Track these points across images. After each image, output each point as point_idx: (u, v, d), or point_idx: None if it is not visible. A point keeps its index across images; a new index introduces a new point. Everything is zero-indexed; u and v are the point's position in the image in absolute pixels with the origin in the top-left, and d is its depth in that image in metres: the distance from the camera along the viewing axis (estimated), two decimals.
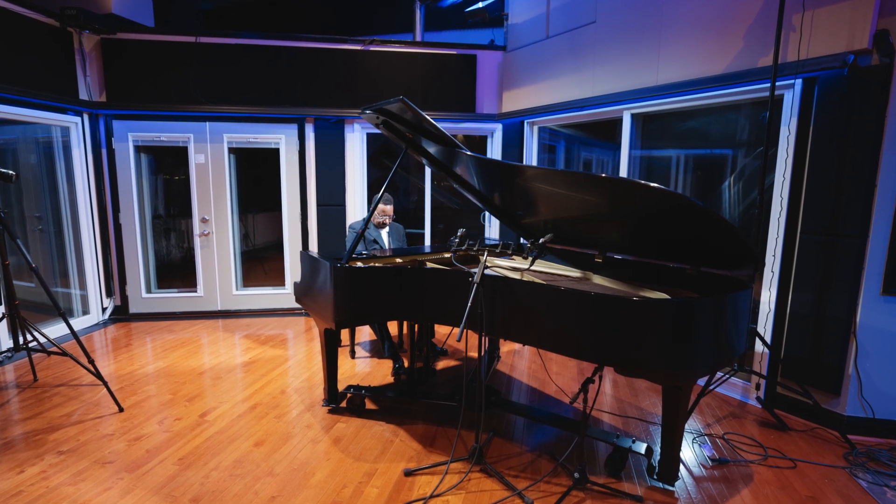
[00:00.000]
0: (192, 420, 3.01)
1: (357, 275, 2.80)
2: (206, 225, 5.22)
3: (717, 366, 2.24)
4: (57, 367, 3.81)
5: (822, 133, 2.92)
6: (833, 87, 2.85)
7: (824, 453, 2.74)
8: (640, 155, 4.27)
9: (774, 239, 3.21)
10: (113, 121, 4.90)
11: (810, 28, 2.87)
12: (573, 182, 2.44)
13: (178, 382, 3.58)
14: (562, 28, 4.54)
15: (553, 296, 2.26)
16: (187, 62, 4.83)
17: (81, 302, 4.94)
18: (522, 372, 3.91)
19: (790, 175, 3.10)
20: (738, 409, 3.28)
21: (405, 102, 2.57)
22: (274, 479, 2.43)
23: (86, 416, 3.03)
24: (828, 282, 2.94)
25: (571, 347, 2.23)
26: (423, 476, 2.46)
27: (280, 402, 3.28)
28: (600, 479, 2.45)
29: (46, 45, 4.31)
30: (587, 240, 2.97)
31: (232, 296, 5.38)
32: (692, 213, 2.12)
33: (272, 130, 5.17)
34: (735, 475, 2.52)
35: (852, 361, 2.88)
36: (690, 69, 3.53)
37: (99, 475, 2.43)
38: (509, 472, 2.50)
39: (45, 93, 4.25)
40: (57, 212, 4.74)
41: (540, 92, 4.80)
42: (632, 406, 3.30)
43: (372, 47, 5.06)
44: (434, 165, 3.28)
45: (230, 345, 4.43)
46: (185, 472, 2.47)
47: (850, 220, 2.83)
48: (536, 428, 2.97)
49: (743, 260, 2.29)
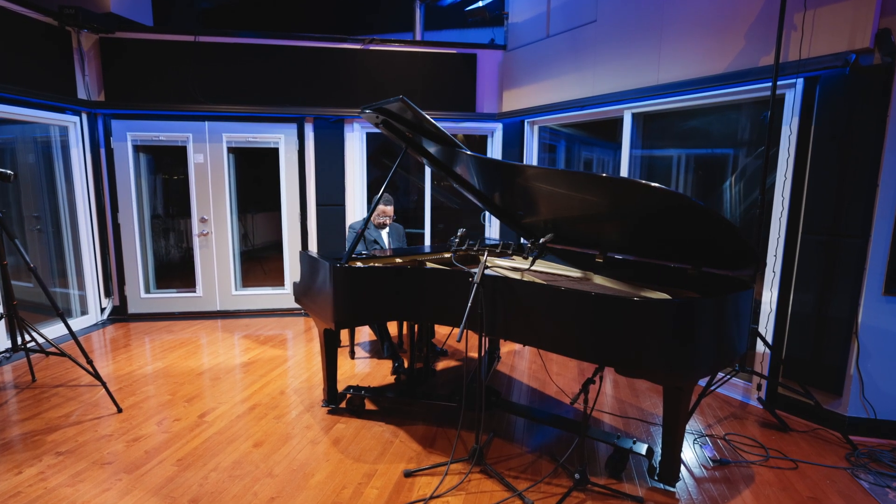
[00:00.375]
0: (191, 421, 3.02)
1: (357, 275, 2.80)
2: (205, 225, 5.22)
3: (719, 366, 2.24)
4: (55, 367, 3.81)
5: (824, 132, 2.92)
6: (835, 87, 2.86)
7: (826, 454, 2.74)
8: (640, 154, 4.27)
9: (776, 239, 3.21)
10: (112, 120, 4.91)
11: (812, 27, 2.88)
12: (574, 182, 2.44)
13: (177, 383, 3.58)
14: (562, 27, 4.55)
15: (553, 296, 2.26)
16: (186, 61, 4.83)
17: (80, 302, 4.95)
18: (523, 372, 3.91)
19: (791, 175, 3.11)
20: (739, 410, 3.28)
21: (405, 102, 2.57)
22: (273, 480, 2.43)
23: (84, 417, 3.03)
24: (829, 282, 2.94)
25: (572, 348, 2.23)
26: (423, 477, 2.47)
27: (279, 402, 3.28)
28: (601, 480, 2.45)
29: (45, 44, 4.32)
30: (588, 240, 2.97)
31: (231, 296, 5.39)
32: (693, 213, 2.13)
33: (271, 130, 5.18)
34: (736, 476, 2.53)
35: (854, 362, 2.89)
36: (691, 68, 3.53)
37: (97, 476, 2.44)
38: (510, 473, 2.50)
39: (44, 92, 4.26)
40: (55, 212, 4.74)
41: (540, 91, 4.81)
42: (632, 407, 3.31)
43: (372, 46, 5.06)
44: (434, 165, 3.29)
45: (229, 345, 4.44)
46: (183, 473, 2.47)
47: (852, 219, 2.84)
48: (537, 429, 2.98)
49: (744, 260, 2.29)
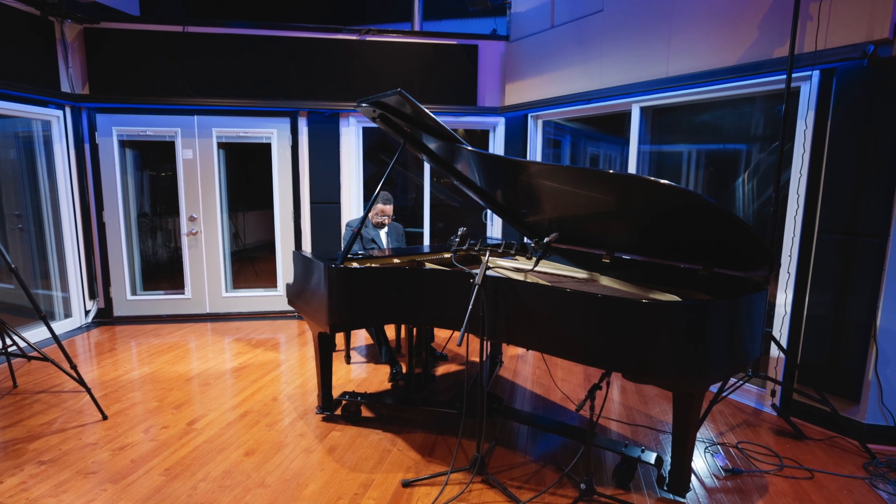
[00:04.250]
0: (179, 428, 3.01)
1: (352, 276, 2.80)
2: (194, 224, 5.22)
3: (731, 371, 2.24)
4: (38, 372, 3.81)
5: (841, 127, 2.92)
6: (852, 79, 2.85)
7: (843, 463, 2.74)
8: (649, 150, 4.27)
9: (791, 238, 3.21)
10: (96, 114, 4.90)
11: (828, 17, 2.87)
12: (580, 178, 2.44)
13: (165, 389, 3.58)
14: (567, 17, 4.54)
15: (558, 298, 2.26)
16: (174, 53, 4.83)
17: (63, 304, 4.94)
18: (526, 378, 3.91)
19: (807, 171, 3.10)
20: (752, 417, 3.28)
21: (403, 95, 2.57)
22: (265, 490, 2.43)
23: (68, 425, 3.03)
24: (847, 283, 2.94)
25: (578, 352, 2.23)
26: (421, 487, 2.46)
27: (272, 409, 3.28)
28: (608, 490, 2.45)
29: (26, 34, 4.31)
30: (594, 239, 2.97)
31: (221, 298, 5.38)
32: (704, 212, 2.12)
33: (263, 124, 5.17)
34: (749, 486, 2.52)
35: (872, 367, 2.88)
36: (702, 60, 3.53)
37: (81, 486, 2.43)
38: (512, 483, 2.50)
39: (25, 85, 4.25)
40: (38, 210, 4.74)
41: (544, 84, 4.80)
42: (641, 414, 3.31)
43: (368, 37, 5.06)
44: (433, 161, 3.28)
45: (219, 349, 4.43)
46: (171, 484, 2.47)
47: (871, 218, 2.83)
48: (541, 437, 2.97)
49: (758, 260, 2.29)
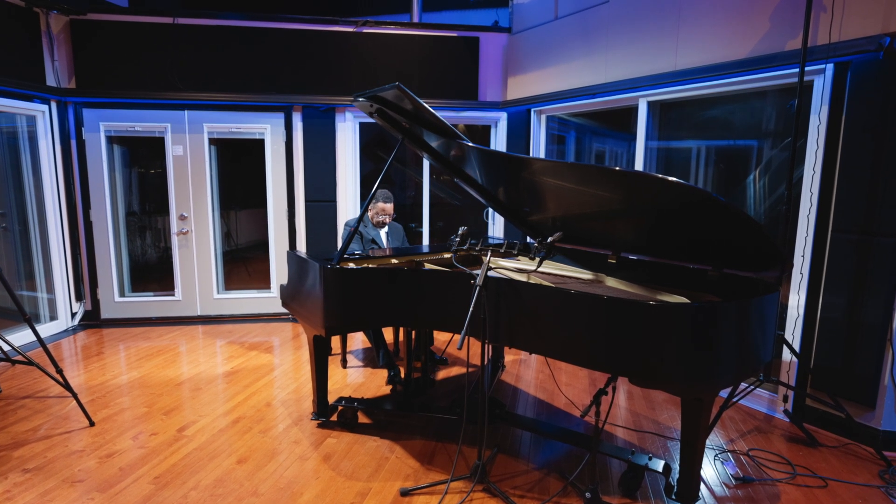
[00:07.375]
0: (169, 435, 3.01)
1: (349, 277, 2.80)
2: (184, 223, 5.22)
3: (742, 376, 2.24)
4: (22, 377, 3.80)
5: (856, 122, 2.92)
6: (867, 73, 2.85)
7: (858, 471, 2.74)
8: (657, 146, 4.27)
9: (804, 238, 3.21)
10: (83, 109, 4.90)
11: (843, 9, 2.87)
12: (584, 176, 2.44)
13: (154, 394, 3.58)
14: (572, 8, 4.54)
15: (562, 300, 2.26)
16: (164, 45, 4.82)
17: (49, 306, 4.94)
18: (529, 383, 3.91)
19: (821, 168, 3.10)
20: (763, 423, 3.28)
21: (401, 89, 2.57)
22: (258, 499, 2.42)
23: (53, 431, 3.03)
24: (862, 284, 2.93)
25: (582, 356, 2.23)
26: (420, 496, 2.46)
27: (265, 415, 3.28)
28: (614, 499, 2.45)
29: (10, 26, 4.31)
30: (600, 239, 2.97)
31: (213, 300, 5.38)
32: (714, 210, 2.12)
33: (256, 119, 5.17)
34: (761, 495, 2.52)
35: (888, 371, 2.88)
36: (712, 53, 3.53)
37: (68, 495, 2.43)
38: (514, 491, 2.50)
39: (9, 79, 4.24)
40: (22, 208, 4.73)
41: (548, 78, 4.80)
42: (648, 420, 3.31)
43: (365, 29, 5.06)
44: (433, 158, 3.28)
45: (211, 353, 4.43)
46: (161, 492, 2.47)
47: (886, 217, 2.83)
48: (544, 443, 2.97)
49: (769, 261, 2.29)
